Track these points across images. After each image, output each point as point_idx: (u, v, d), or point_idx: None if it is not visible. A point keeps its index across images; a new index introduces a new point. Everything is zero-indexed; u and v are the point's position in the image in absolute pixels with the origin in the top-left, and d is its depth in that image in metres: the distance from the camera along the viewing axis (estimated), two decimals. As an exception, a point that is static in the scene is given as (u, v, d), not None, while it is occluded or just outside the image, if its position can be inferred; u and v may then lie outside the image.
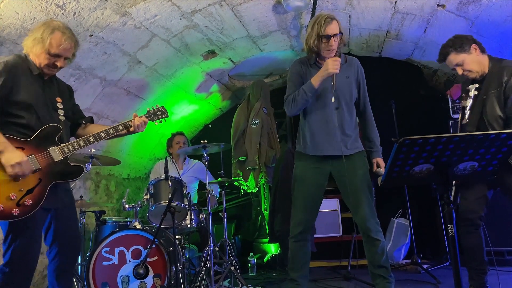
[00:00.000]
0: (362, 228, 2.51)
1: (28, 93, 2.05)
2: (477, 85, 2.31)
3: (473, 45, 2.49)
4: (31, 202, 1.97)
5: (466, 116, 2.31)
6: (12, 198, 1.92)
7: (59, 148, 2.09)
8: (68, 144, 2.12)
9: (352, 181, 2.52)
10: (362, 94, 2.67)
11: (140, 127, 2.32)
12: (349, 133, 2.56)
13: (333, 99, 2.52)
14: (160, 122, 2.46)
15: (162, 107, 2.47)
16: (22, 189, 1.96)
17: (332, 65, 2.41)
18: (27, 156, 1.98)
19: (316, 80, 2.45)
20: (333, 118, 2.54)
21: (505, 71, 2.40)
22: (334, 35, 2.48)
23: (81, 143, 2.15)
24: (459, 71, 2.53)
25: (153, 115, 2.43)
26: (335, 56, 2.55)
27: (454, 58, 2.51)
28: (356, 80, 2.63)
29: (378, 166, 2.62)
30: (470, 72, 2.50)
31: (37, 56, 2.08)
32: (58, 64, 2.11)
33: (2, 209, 1.89)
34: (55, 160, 2.07)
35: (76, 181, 2.29)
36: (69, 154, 2.11)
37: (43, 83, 2.16)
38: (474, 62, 2.48)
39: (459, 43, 2.50)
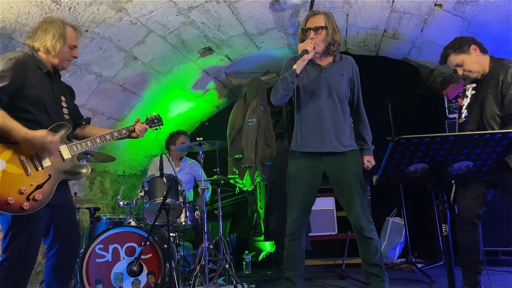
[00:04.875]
0: (355, 227, 2.51)
1: (38, 89, 2.09)
2: (474, 85, 2.34)
3: (473, 46, 2.53)
4: (41, 197, 1.99)
5: (463, 116, 2.33)
6: (23, 192, 1.95)
7: (68, 146, 2.16)
8: (77, 144, 2.19)
9: (345, 179, 2.52)
10: (355, 93, 2.67)
11: (142, 133, 2.43)
12: (342, 130, 2.55)
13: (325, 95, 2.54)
14: (156, 129, 2.62)
15: (158, 115, 2.63)
16: (33, 183, 1.99)
17: (301, 45, 2.44)
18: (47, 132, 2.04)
19: (297, 65, 2.44)
20: (326, 115, 2.54)
21: (502, 70, 2.44)
22: (314, 28, 2.51)
23: (89, 143, 2.22)
24: (460, 71, 2.57)
25: (151, 122, 2.59)
26: (328, 57, 2.60)
27: (454, 59, 2.56)
28: (350, 78, 2.63)
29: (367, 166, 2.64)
30: (470, 72, 2.54)
31: (58, 52, 2.15)
32: (76, 55, 2.25)
33: (13, 202, 1.91)
34: (65, 158, 2.13)
35: (81, 178, 2.35)
36: (77, 153, 2.17)
37: (51, 80, 2.21)
38: (473, 62, 2.52)
39: (458, 44, 2.55)
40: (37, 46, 2.16)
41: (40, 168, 2.03)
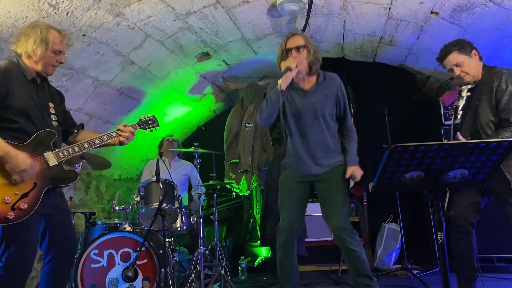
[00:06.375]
0: (336, 238, 2.50)
1: (22, 98, 2.05)
2: (470, 86, 2.36)
3: (474, 51, 2.55)
4: (26, 206, 1.96)
5: (459, 116, 2.36)
6: (7, 201, 1.91)
7: (54, 153, 2.10)
8: (63, 150, 2.13)
9: (328, 191, 2.56)
10: (342, 109, 2.66)
11: (129, 137, 2.31)
12: (329, 150, 2.59)
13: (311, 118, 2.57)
14: (151, 131, 2.49)
15: (153, 116, 2.51)
16: (17, 193, 1.95)
17: (284, 63, 2.43)
18: (31, 159, 1.98)
19: (281, 81, 2.41)
20: (312, 138, 2.57)
21: (495, 77, 2.45)
22: (296, 47, 2.52)
23: (76, 148, 2.16)
24: (457, 71, 2.55)
25: (144, 124, 2.47)
26: (311, 77, 2.59)
27: (455, 57, 2.54)
28: (336, 97, 2.63)
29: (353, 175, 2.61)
30: (467, 74, 2.54)
31: (40, 57, 2.09)
32: (62, 60, 2.17)
33: None
34: (50, 165, 2.08)
35: (69, 185, 2.29)
36: (64, 159, 2.12)
37: (37, 88, 2.16)
38: (472, 66, 2.53)
39: (462, 44, 2.56)
40: (19, 52, 2.12)
41: None
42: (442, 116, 4.05)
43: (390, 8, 3.39)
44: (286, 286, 2.58)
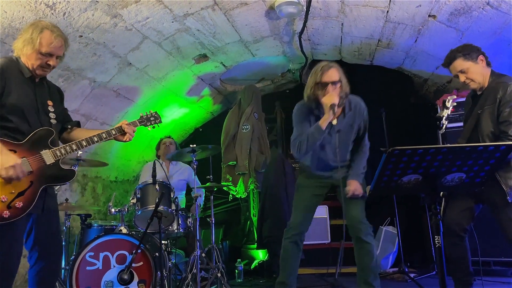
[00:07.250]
0: (352, 229, 2.58)
1: (18, 96, 2.03)
2: (454, 97, 2.31)
3: (481, 56, 2.48)
4: (22, 204, 1.94)
5: (444, 127, 2.32)
6: (3, 200, 1.90)
7: (51, 151, 2.07)
8: (61, 148, 2.10)
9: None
10: (362, 132, 2.74)
11: (132, 135, 2.28)
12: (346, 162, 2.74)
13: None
14: (153, 127, 2.46)
15: (156, 112, 2.48)
16: (13, 191, 1.94)
17: (327, 99, 2.47)
18: (20, 158, 1.96)
19: (323, 121, 2.49)
20: (335, 161, 2.65)
21: (501, 87, 2.38)
22: (332, 82, 2.51)
23: (74, 146, 2.12)
24: (462, 78, 2.49)
25: (146, 120, 2.43)
26: (338, 107, 2.57)
27: (460, 64, 2.48)
28: (359, 125, 2.71)
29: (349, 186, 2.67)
30: (472, 81, 2.48)
31: (28, 57, 2.08)
32: (51, 63, 2.11)
33: None
34: (47, 163, 2.05)
35: (67, 184, 2.25)
36: (61, 157, 2.09)
37: (35, 86, 2.14)
38: (478, 72, 2.46)
39: (468, 50, 2.48)
40: (13, 49, 2.12)
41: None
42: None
43: (388, 11, 3.40)
44: (285, 281, 2.63)
